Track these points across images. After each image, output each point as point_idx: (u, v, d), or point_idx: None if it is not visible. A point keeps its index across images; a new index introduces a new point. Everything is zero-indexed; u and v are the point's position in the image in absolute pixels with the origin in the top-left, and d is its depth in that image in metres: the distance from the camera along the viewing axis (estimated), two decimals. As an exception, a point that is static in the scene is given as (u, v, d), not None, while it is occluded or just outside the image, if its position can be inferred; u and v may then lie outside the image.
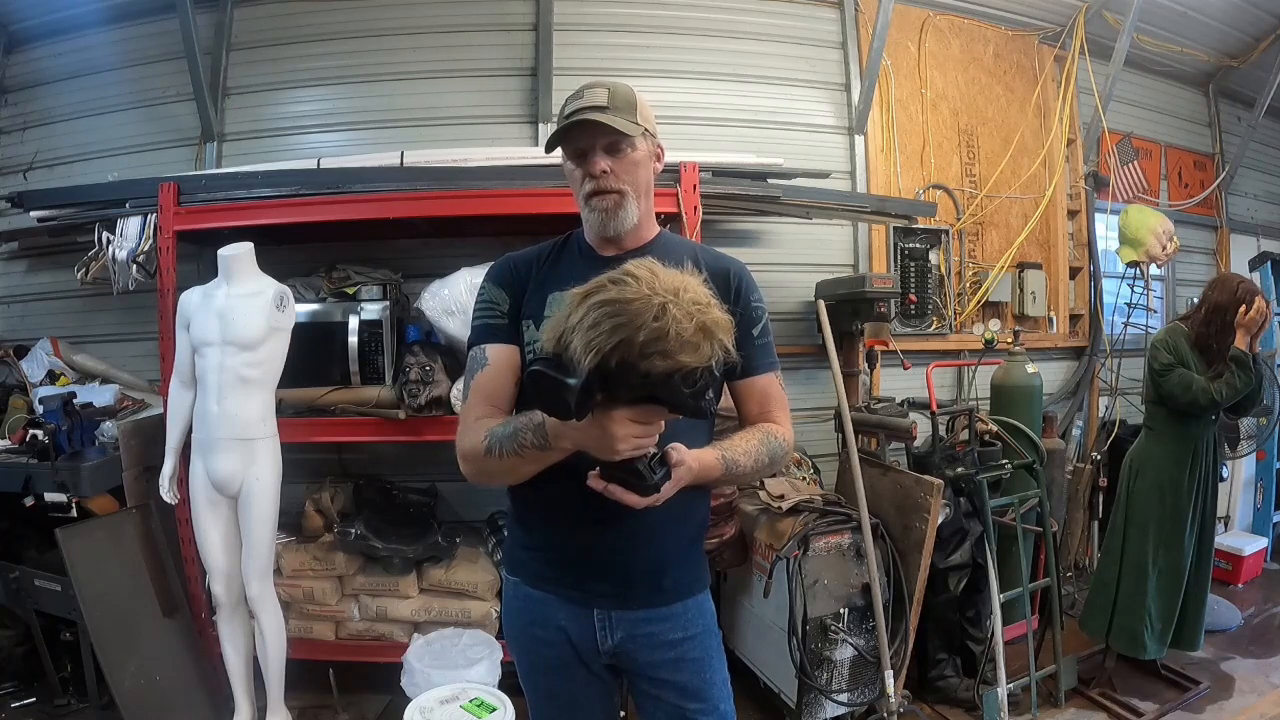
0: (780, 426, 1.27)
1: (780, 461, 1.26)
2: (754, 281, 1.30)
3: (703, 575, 1.35)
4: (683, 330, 0.86)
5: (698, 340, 0.87)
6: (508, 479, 1.18)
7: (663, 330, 0.85)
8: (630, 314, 0.85)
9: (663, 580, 1.25)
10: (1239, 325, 2.60)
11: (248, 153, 3.48)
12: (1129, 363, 4.04)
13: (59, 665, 2.68)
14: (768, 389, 1.28)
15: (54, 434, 2.47)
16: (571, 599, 1.25)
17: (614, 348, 0.85)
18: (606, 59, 3.59)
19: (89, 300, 3.37)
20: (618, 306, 0.86)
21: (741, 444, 1.20)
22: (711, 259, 1.29)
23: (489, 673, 2.40)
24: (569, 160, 1.25)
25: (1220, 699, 2.83)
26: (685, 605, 1.28)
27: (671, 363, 0.86)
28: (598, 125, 1.18)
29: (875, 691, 2.52)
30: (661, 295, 0.87)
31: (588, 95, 1.21)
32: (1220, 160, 5.01)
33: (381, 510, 2.97)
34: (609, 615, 1.24)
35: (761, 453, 1.21)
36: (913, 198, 3.82)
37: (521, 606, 1.31)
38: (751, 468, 1.20)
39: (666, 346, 0.85)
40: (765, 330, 1.29)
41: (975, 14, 4.09)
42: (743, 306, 1.24)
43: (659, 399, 0.92)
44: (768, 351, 1.29)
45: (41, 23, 3.58)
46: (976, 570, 2.77)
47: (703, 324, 0.88)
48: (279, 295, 2.39)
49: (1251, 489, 4.34)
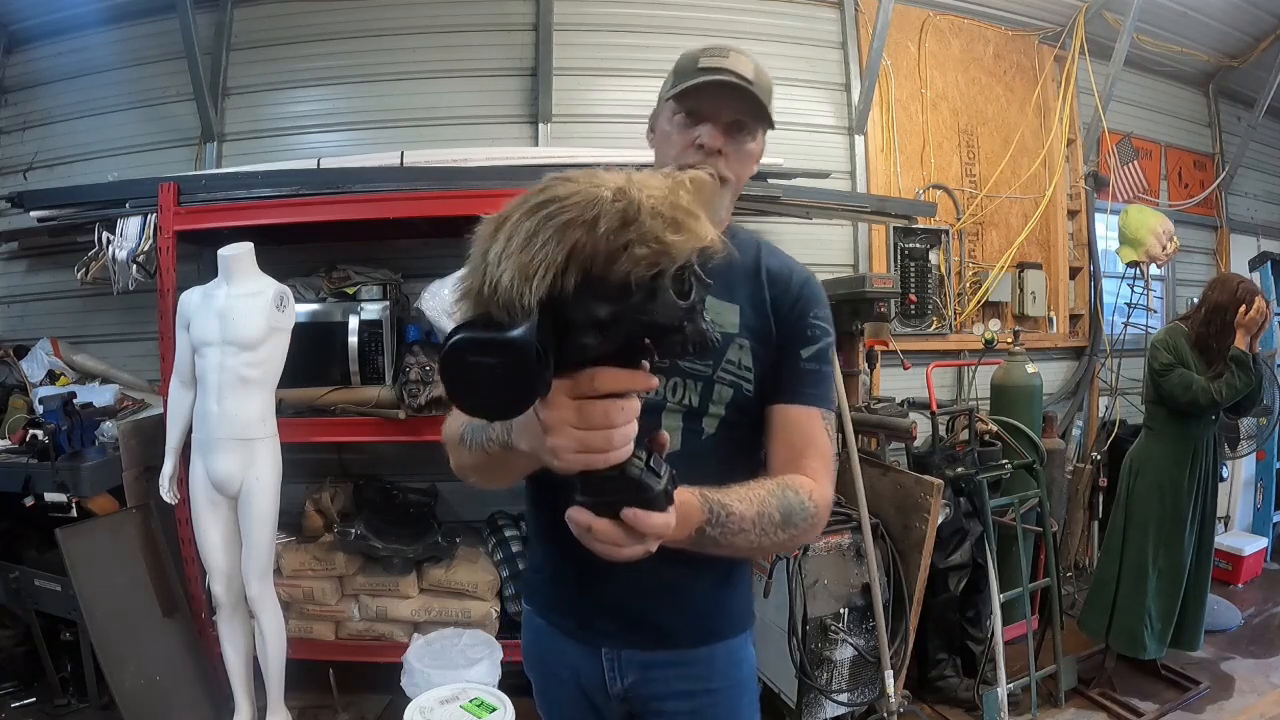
0: (809, 480, 0.95)
1: (801, 526, 0.91)
2: (824, 297, 1.07)
3: (736, 617, 1.11)
4: (658, 205, 0.58)
5: (679, 217, 0.59)
6: (483, 479, 0.93)
7: (631, 208, 0.57)
8: (580, 205, 0.57)
9: (676, 618, 1.05)
10: (1239, 325, 2.60)
11: (248, 153, 3.48)
12: (1129, 363, 4.03)
13: (59, 665, 2.67)
14: (806, 428, 0.99)
15: (54, 434, 2.47)
16: (578, 637, 1.09)
17: (569, 257, 0.56)
18: (606, 59, 3.59)
19: (89, 300, 3.37)
20: (558, 205, 0.58)
21: (742, 490, 0.87)
22: (778, 259, 1.08)
23: (489, 673, 2.40)
24: (675, 118, 1.03)
25: (1220, 699, 2.83)
26: (710, 651, 1.07)
27: (656, 248, 0.57)
28: (741, 94, 0.99)
29: (875, 691, 2.52)
30: (609, 184, 0.59)
31: (732, 59, 1.01)
32: (1220, 160, 5.01)
33: (381, 510, 2.97)
34: (618, 655, 1.06)
35: (769, 506, 0.88)
36: (913, 198, 3.82)
37: (533, 638, 1.17)
38: (753, 523, 0.86)
39: (643, 229, 0.57)
40: (820, 356, 1.03)
41: (975, 14, 4.09)
42: (797, 316, 1.03)
43: (637, 336, 0.61)
44: (817, 382, 1.02)
45: (41, 23, 3.58)
46: (976, 570, 2.77)
47: (675, 203, 0.60)
48: (279, 295, 2.39)
49: (1251, 489, 4.34)
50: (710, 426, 1.02)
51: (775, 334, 1.03)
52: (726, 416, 1.02)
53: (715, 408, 1.01)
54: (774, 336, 1.02)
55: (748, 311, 1.03)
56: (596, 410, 0.63)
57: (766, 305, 1.03)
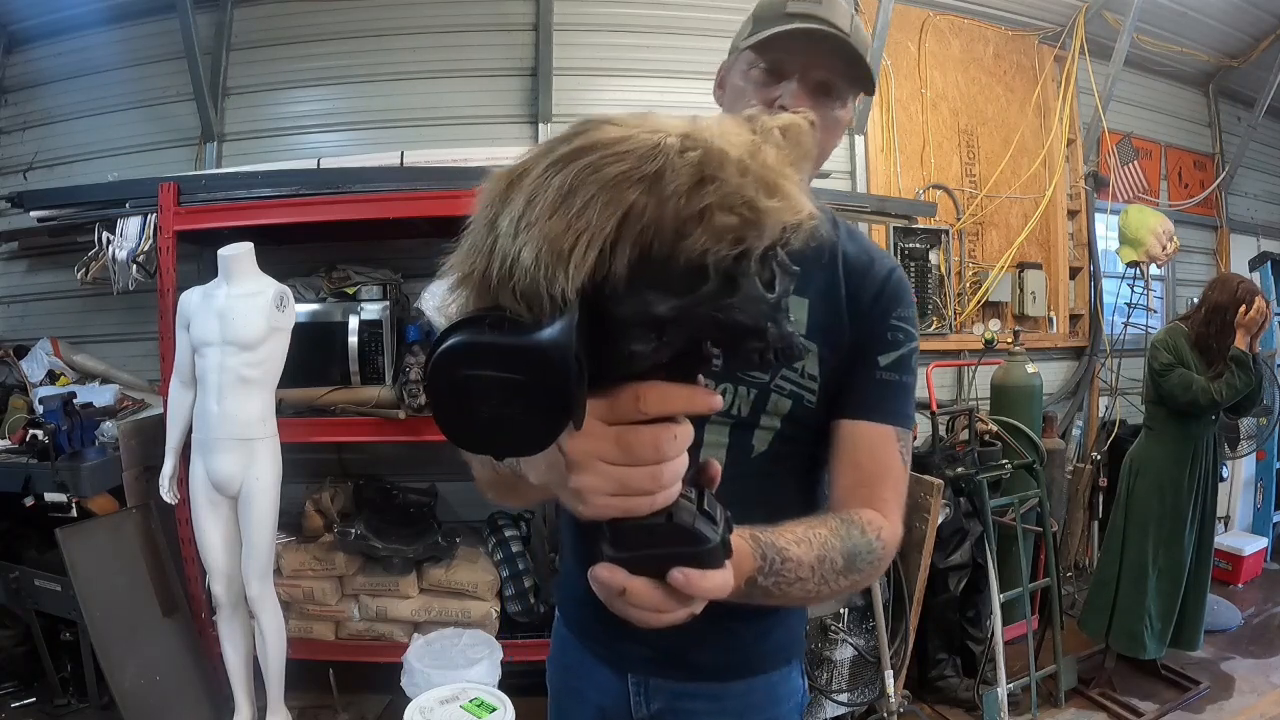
0: (878, 515, 0.80)
1: (865, 571, 0.77)
2: (910, 294, 0.90)
3: (780, 649, 0.96)
4: (746, 158, 0.42)
5: (772, 178, 0.42)
6: (498, 498, 0.80)
7: (710, 161, 0.41)
8: (638, 155, 0.40)
9: (713, 653, 0.90)
10: (1239, 325, 2.60)
11: (248, 153, 3.47)
12: (1129, 363, 4.03)
13: (59, 665, 2.67)
14: (878, 450, 0.84)
15: (54, 434, 2.47)
16: (604, 659, 0.97)
17: (620, 225, 0.40)
18: (606, 59, 3.59)
19: (89, 300, 3.37)
20: (602, 154, 0.41)
21: (800, 530, 0.72)
22: (857, 244, 0.91)
23: (489, 673, 2.40)
24: (751, 73, 0.86)
25: (1220, 699, 2.83)
26: (748, 685, 0.93)
27: (747, 216, 0.41)
28: (836, 47, 0.81)
29: (875, 691, 2.52)
30: (672, 130, 0.42)
31: (826, 4, 0.83)
32: (1220, 160, 5.01)
33: (381, 510, 2.97)
34: (645, 682, 0.94)
35: (832, 549, 0.73)
36: (913, 198, 3.82)
37: (561, 647, 1.05)
38: (812, 569, 0.71)
39: (727, 189, 0.40)
40: (901, 365, 0.86)
41: (975, 14, 4.09)
42: (877, 316, 0.86)
43: (704, 339, 0.45)
44: (894, 395, 0.86)
45: (41, 23, 3.57)
46: (976, 570, 2.77)
47: (766, 160, 0.43)
48: (279, 295, 2.39)
49: (1251, 489, 4.34)
50: (761, 442, 0.87)
51: (849, 335, 0.86)
52: (782, 430, 0.87)
53: (769, 419, 0.86)
54: (847, 338, 0.86)
55: (818, 308, 0.86)
56: (644, 440, 0.46)
57: (841, 301, 0.87)
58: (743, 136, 0.43)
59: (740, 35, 0.89)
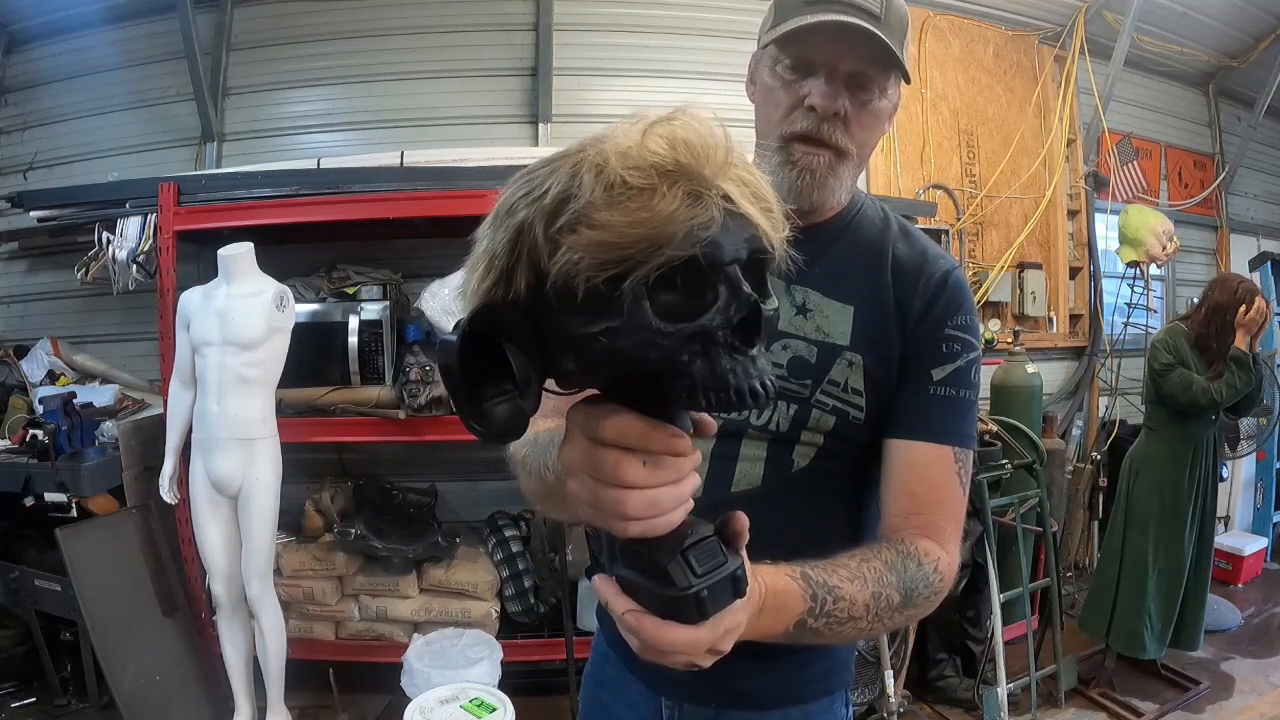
0: (935, 545, 0.75)
1: (921, 605, 0.73)
2: (969, 299, 0.82)
3: (820, 678, 0.89)
4: (610, 165, 0.40)
5: (637, 182, 0.40)
6: (546, 510, 0.75)
7: (576, 174, 0.41)
8: (544, 172, 0.43)
9: (752, 675, 0.84)
10: (1239, 325, 2.60)
11: (248, 153, 3.47)
12: (1129, 363, 4.03)
13: (59, 665, 2.67)
14: (933, 473, 0.77)
15: (54, 434, 2.46)
16: (641, 678, 0.92)
17: (512, 247, 0.42)
18: (606, 59, 3.59)
19: (89, 300, 3.37)
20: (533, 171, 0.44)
21: (852, 564, 0.69)
22: (910, 244, 0.85)
23: (489, 673, 2.40)
24: (777, 69, 0.80)
25: (1220, 699, 2.83)
26: (784, 715, 0.87)
27: (589, 236, 0.39)
28: (864, 38, 0.74)
29: (875, 691, 2.52)
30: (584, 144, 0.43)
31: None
32: (1220, 160, 5.01)
33: (381, 510, 2.96)
34: (679, 707, 0.89)
35: (888, 584, 0.69)
36: (913, 198, 3.82)
37: (600, 660, 1.01)
38: (866, 608, 0.68)
39: (579, 205, 0.40)
40: (958, 378, 0.79)
41: (975, 14, 4.09)
42: (931, 324, 0.80)
43: (625, 370, 0.43)
44: (950, 411, 0.79)
45: (41, 23, 3.57)
46: (976, 570, 2.76)
47: (638, 162, 0.40)
48: (279, 295, 2.39)
49: (1251, 489, 4.35)
50: (803, 458, 0.81)
51: (898, 346, 0.80)
52: (825, 447, 0.81)
53: (811, 435, 0.81)
54: (896, 349, 0.80)
55: (864, 315, 0.81)
56: (605, 459, 0.46)
57: (889, 307, 0.81)
58: (632, 138, 0.41)
59: (764, 26, 0.83)
